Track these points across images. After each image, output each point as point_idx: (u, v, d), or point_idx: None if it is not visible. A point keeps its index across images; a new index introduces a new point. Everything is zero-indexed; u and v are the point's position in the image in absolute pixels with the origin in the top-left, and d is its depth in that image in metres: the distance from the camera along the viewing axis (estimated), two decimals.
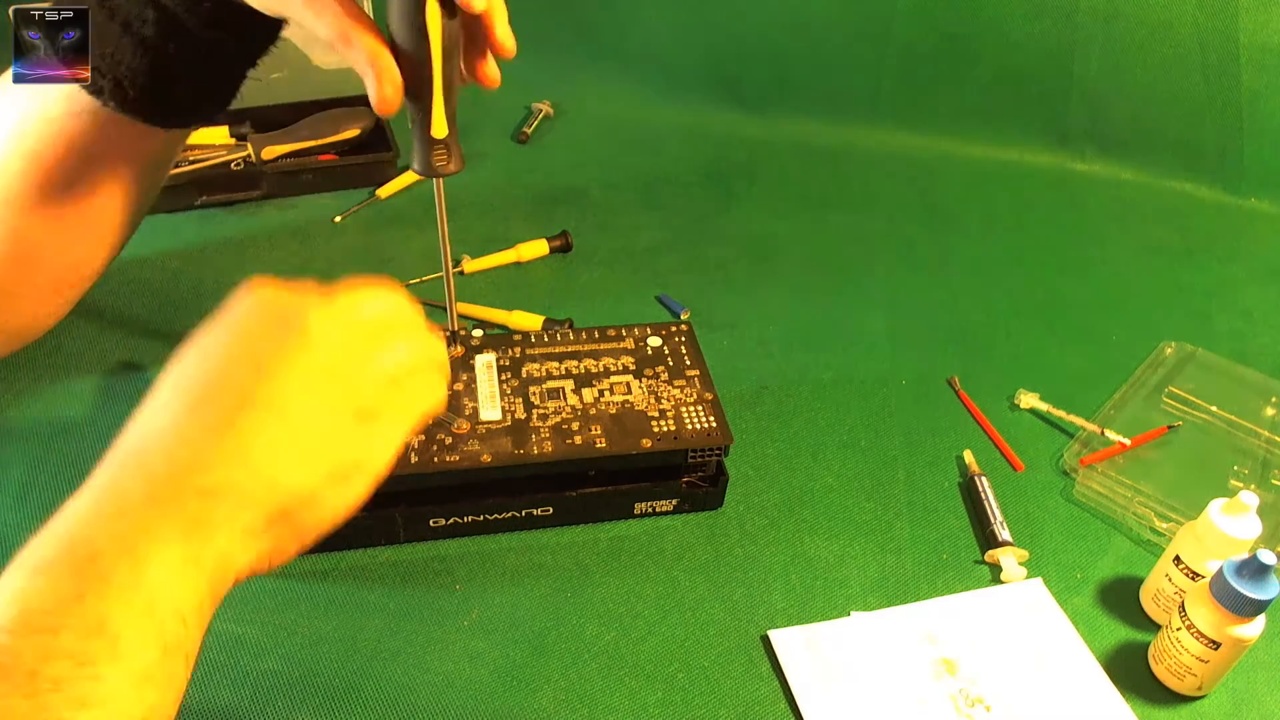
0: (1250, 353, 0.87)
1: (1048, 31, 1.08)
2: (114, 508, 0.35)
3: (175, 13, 0.49)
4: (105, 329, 0.77)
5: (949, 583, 0.65)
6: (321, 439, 0.39)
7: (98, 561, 0.33)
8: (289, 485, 0.38)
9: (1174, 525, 0.68)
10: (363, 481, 0.40)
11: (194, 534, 0.35)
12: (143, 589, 0.33)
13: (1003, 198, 1.06)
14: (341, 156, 0.96)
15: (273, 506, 0.37)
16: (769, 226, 0.98)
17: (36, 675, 0.31)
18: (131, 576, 0.33)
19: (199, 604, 0.35)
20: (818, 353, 0.83)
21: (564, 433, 0.62)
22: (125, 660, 0.32)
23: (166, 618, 0.34)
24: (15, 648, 0.31)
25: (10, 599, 0.32)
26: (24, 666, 0.31)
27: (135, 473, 0.36)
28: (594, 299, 0.86)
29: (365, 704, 0.55)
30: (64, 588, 0.32)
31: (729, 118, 1.13)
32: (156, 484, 0.35)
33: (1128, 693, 0.59)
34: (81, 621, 0.32)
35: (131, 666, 0.32)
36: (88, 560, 0.33)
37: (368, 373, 0.41)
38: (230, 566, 0.36)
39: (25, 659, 0.31)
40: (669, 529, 0.66)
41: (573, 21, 1.17)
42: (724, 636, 0.60)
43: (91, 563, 0.33)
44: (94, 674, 0.31)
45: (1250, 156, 1.08)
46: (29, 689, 0.30)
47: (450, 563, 0.63)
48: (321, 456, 0.39)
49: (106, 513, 0.35)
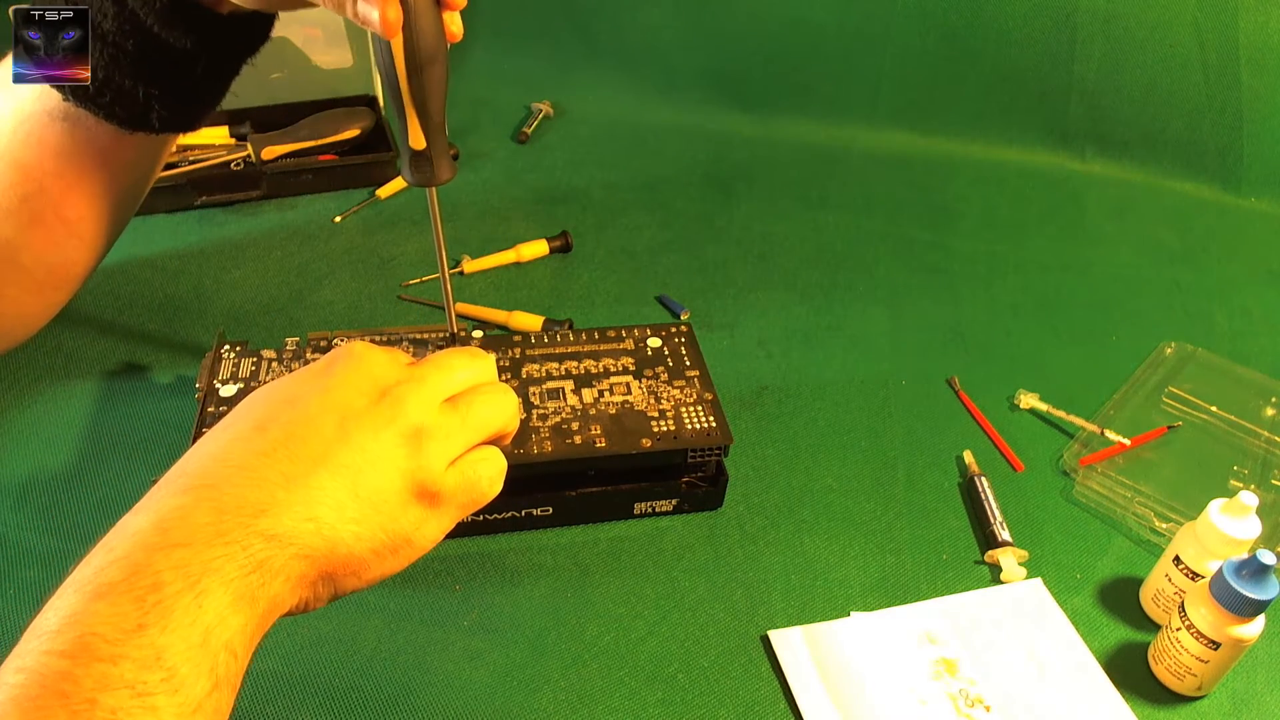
0: (1250, 353, 0.87)
1: (1048, 31, 1.08)
2: (181, 537, 0.35)
3: (133, 8, 0.49)
4: (105, 329, 0.77)
5: (949, 583, 0.65)
6: (384, 512, 0.40)
7: (160, 591, 0.33)
8: (344, 550, 0.38)
9: (1174, 525, 0.68)
10: (408, 557, 0.41)
11: (253, 574, 0.35)
12: (200, 623, 0.33)
13: (1003, 198, 1.06)
14: (341, 156, 0.96)
15: (325, 565, 0.38)
16: (769, 226, 0.98)
17: (95, 704, 0.31)
18: (192, 611, 0.33)
19: (248, 640, 0.35)
20: (818, 353, 0.83)
21: (564, 433, 0.62)
22: (180, 693, 0.32)
23: (219, 651, 0.34)
24: (76, 675, 0.31)
25: (69, 621, 0.32)
26: (83, 694, 0.31)
27: (205, 504, 0.36)
28: (594, 299, 0.86)
29: (365, 704, 0.55)
30: (125, 616, 0.32)
31: (729, 118, 1.13)
32: (226, 520, 0.36)
33: (1128, 693, 0.59)
34: (140, 652, 0.32)
35: (185, 700, 0.33)
36: (151, 589, 0.33)
37: (442, 457, 0.42)
38: (279, 608, 0.37)
39: (85, 686, 0.31)
40: (669, 529, 0.66)
41: (573, 22, 1.17)
42: (724, 636, 0.60)
43: (154, 592, 0.33)
44: (151, 705, 0.32)
45: (1250, 156, 1.08)
46: (87, 717, 0.31)
47: (450, 563, 0.63)
48: (379, 529, 0.40)
49: (172, 541, 0.34)
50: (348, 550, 0.38)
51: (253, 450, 0.38)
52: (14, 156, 0.53)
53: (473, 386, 0.45)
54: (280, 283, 0.84)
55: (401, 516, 0.40)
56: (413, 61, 0.46)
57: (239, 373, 0.65)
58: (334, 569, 0.38)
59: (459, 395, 0.44)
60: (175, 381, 0.73)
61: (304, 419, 0.40)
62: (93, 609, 0.32)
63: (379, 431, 0.40)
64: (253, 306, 0.81)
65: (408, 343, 0.67)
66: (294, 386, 0.41)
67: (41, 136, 0.53)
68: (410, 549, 0.41)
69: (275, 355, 0.66)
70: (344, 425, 0.40)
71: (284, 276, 0.85)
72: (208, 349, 0.66)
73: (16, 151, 0.53)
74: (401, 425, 0.41)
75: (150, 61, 0.51)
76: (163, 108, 0.53)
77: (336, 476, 0.38)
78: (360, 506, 0.39)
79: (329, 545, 0.38)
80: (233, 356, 0.66)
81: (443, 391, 0.43)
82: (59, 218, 0.56)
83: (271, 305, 0.81)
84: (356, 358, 0.42)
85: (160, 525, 0.35)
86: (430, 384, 0.43)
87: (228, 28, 0.52)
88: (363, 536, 0.39)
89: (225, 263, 0.86)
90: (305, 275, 0.85)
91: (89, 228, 0.57)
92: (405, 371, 0.43)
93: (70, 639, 0.32)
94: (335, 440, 0.39)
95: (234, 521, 0.35)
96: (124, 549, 0.34)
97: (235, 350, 0.66)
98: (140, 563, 0.34)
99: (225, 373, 0.64)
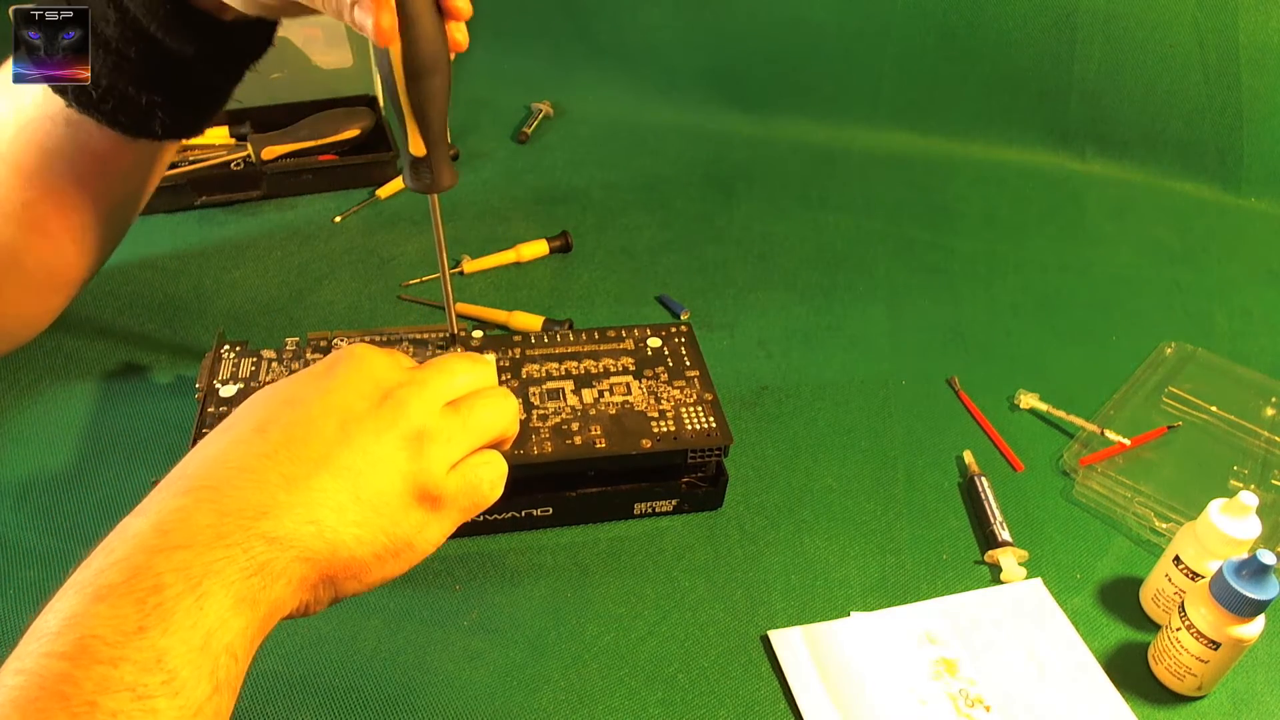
0: (1250, 353, 0.87)
1: (1048, 31, 1.08)
2: (182, 539, 0.34)
3: (136, 15, 0.49)
4: (105, 329, 0.77)
5: (949, 583, 0.65)
6: (385, 515, 0.40)
7: (161, 594, 0.33)
8: (346, 553, 0.38)
9: (1174, 525, 0.68)
10: (409, 561, 0.41)
11: (254, 577, 0.35)
12: (201, 626, 0.33)
13: (1003, 198, 1.06)
14: (341, 156, 0.96)
15: (326, 568, 0.38)
16: (769, 226, 0.98)
17: (95, 706, 0.31)
18: (193, 613, 0.33)
19: (249, 643, 0.35)
20: (818, 353, 0.83)
21: (564, 433, 0.62)
22: (181, 696, 0.32)
23: (220, 654, 0.34)
24: (76, 677, 0.31)
25: (69, 623, 0.32)
26: (84, 696, 0.31)
27: (206, 506, 0.36)
28: (594, 299, 0.86)
29: (365, 704, 0.55)
30: (126, 619, 0.32)
31: (729, 118, 1.13)
32: (227, 522, 0.35)
33: (1128, 693, 0.59)
34: (141, 654, 0.32)
35: (186, 703, 0.32)
36: (152, 591, 0.33)
37: (443, 461, 0.42)
38: (279, 611, 0.37)
39: (85, 689, 0.31)
40: (669, 529, 0.66)
41: (573, 22, 1.17)
42: (724, 636, 0.60)
43: (155, 594, 0.33)
44: (151, 708, 0.31)
45: (1250, 156, 1.08)
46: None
47: (450, 563, 0.63)
48: (381, 532, 0.39)
49: (173, 543, 0.34)
50: (349, 553, 0.38)
51: (254, 452, 0.38)
52: (16, 160, 0.53)
53: (474, 391, 0.45)
54: (280, 283, 0.84)
55: (403, 520, 0.40)
56: (410, 69, 0.46)
57: (239, 373, 0.65)
58: (335, 572, 0.38)
59: (460, 399, 0.44)
60: (175, 382, 0.72)
61: (305, 420, 0.39)
62: (93, 611, 0.32)
63: (381, 434, 0.40)
64: (253, 306, 0.81)
65: (408, 343, 0.67)
66: (295, 388, 0.41)
67: (43, 142, 0.53)
68: (411, 553, 0.41)
69: (275, 355, 0.66)
70: (345, 427, 0.40)
71: (284, 276, 0.85)
72: (208, 349, 0.66)
73: (18, 156, 0.53)
74: (403, 428, 0.41)
75: (153, 68, 0.51)
76: (165, 114, 0.53)
77: (338, 479, 0.38)
78: (362, 509, 0.39)
79: (330, 548, 0.38)
80: (233, 357, 0.66)
81: (444, 395, 0.43)
82: (61, 222, 0.56)
83: (271, 305, 0.81)
84: (358, 360, 0.42)
85: (160, 527, 0.35)
86: (432, 387, 0.43)
87: (230, 34, 0.52)
88: (364, 540, 0.39)
89: (225, 263, 0.86)
90: (305, 275, 0.85)
91: (90, 232, 0.57)
92: (407, 374, 0.43)
93: (70, 641, 0.32)
94: (337, 442, 0.39)
95: (235, 524, 0.35)
96: (124, 551, 0.34)
97: (235, 350, 0.66)
98: (141, 565, 0.34)
99: (225, 373, 0.64)
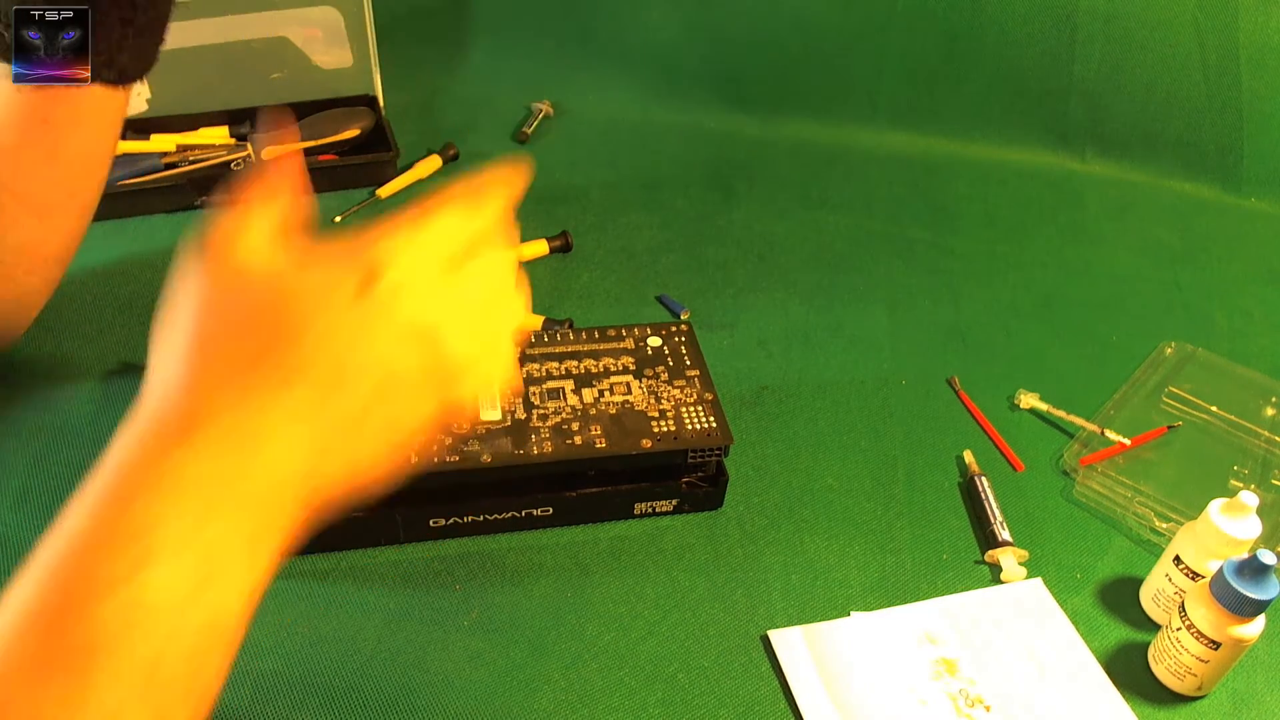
0: (1250, 353, 0.87)
1: (1048, 31, 1.08)
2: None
3: None
4: (105, 329, 0.77)
5: (949, 583, 0.65)
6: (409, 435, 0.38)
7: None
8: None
9: (1174, 525, 0.68)
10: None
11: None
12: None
13: (1003, 198, 1.06)
14: (341, 156, 0.96)
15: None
16: (769, 226, 0.97)
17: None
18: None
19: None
20: (818, 353, 0.83)
21: (564, 433, 0.62)
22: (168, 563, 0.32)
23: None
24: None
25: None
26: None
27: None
28: (594, 299, 0.86)
29: (365, 704, 0.55)
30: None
31: (729, 118, 1.13)
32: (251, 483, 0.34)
33: (1128, 693, 0.59)
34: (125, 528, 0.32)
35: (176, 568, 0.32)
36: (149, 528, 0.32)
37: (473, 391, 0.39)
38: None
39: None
40: (669, 529, 0.66)
41: (573, 21, 1.17)
42: (724, 636, 0.60)
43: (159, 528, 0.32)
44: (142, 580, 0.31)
45: (1250, 156, 1.08)
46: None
47: (450, 563, 0.63)
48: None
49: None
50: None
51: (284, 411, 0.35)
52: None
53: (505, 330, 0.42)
54: None
55: (419, 428, 0.38)
56: None
57: None
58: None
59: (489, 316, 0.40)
60: None
61: (338, 380, 0.36)
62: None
63: (420, 394, 0.38)
64: None
65: None
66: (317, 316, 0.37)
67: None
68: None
69: None
70: (384, 389, 0.36)
71: None
72: None
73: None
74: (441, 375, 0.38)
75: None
76: (95, 53, 0.51)
77: (378, 436, 0.37)
78: (394, 449, 0.37)
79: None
80: None
81: (433, 251, 0.39)
82: (9, 192, 0.53)
83: None
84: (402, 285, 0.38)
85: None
86: (419, 244, 0.39)
87: None
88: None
89: None
90: None
91: (45, 201, 0.55)
92: (446, 302, 0.39)
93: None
94: (374, 401, 0.36)
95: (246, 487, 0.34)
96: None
97: None
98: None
99: None
